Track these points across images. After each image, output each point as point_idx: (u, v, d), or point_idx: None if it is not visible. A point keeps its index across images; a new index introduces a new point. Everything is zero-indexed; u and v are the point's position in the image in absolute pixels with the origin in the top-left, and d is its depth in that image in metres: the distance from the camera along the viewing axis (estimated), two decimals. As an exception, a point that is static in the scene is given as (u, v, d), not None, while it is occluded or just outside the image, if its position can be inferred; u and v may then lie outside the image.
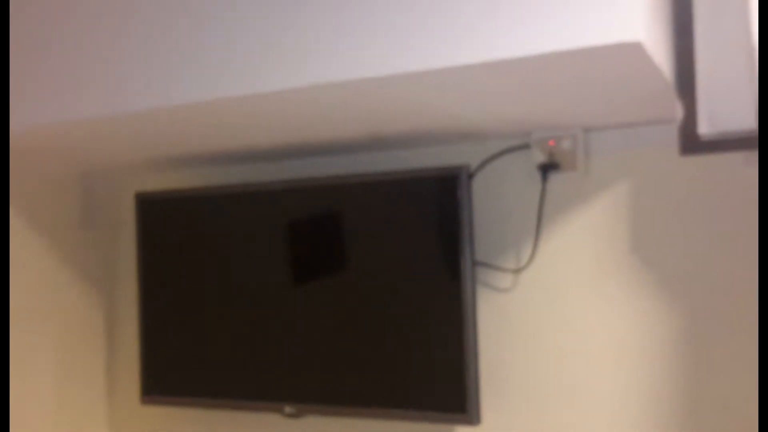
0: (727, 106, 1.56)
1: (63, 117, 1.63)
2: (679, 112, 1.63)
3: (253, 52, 1.44)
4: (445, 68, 1.30)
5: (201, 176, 2.23)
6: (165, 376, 2.13)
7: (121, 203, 2.37)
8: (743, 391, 1.64)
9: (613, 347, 1.76)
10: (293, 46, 1.40)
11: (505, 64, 1.27)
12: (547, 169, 1.80)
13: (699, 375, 1.68)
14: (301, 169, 2.09)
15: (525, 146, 1.83)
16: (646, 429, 1.73)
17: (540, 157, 1.80)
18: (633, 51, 1.21)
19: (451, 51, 1.28)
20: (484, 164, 1.88)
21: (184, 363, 2.10)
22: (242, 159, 2.10)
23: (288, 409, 1.95)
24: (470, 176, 1.80)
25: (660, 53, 1.35)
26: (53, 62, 1.63)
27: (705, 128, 1.59)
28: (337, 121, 1.68)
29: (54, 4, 1.64)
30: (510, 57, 1.24)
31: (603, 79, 1.38)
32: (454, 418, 1.77)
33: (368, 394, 1.87)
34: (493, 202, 1.88)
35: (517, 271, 1.85)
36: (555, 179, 1.81)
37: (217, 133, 1.79)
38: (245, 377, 2.01)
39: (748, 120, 1.55)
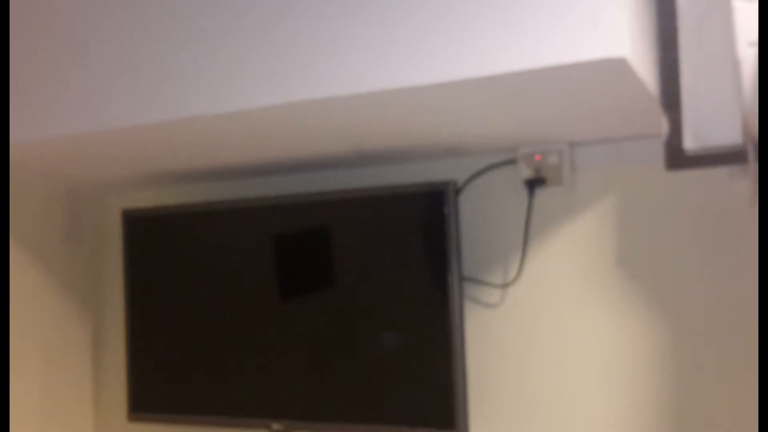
0: (712, 121, 1.56)
1: (49, 133, 1.63)
2: (664, 126, 1.63)
3: (236, 69, 1.44)
4: (430, 84, 1.30)
5: (187, 192, 2.22)
6: (152, 393, 2.12)
7: (107, 219, 2.36)
8: (729, 402, 1.64)
9: (600, 361, 1.76)
10: (276, 62, 1.40)
11: (491, 80, 1.28)
12: (534, 184, 1.80)
13: (687, 389, 1.68)
14: (287, 184, 2.09)
15: (511, 161, 1.83)
16: (634, 443, 1.73)
17: (526, 172, 1.81)
18: (618, 66, 1.22)
19: (436, 67, 1.28)
20: (470, 179, 1.88)
21: (172, 380, 2.09)
22: (229, 175, 2.10)
23: (275, 425, 1.94)
24: (457, 191, 1.80)
25: (645, 68, 1.36)
26: (38, 79, 1.63)
27: (690, 143, 1.59)
28: (322, 137, 1.68)
29: (35, 22, 1.64)
30: (495, 73, 1.25)
31: (588, 95, 1.39)
32: (442, 433, 1.77)
33: (356, 410, 1.86)
34: (480, 218, 1.88)
35: (505, 286, 1.85)
36: (541, 194, 1.82)
37: (203, 150, 1.79)
38: (233, 394, 2.00)
39: (733, 134, 1.56)
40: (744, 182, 1.62)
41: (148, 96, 1.52)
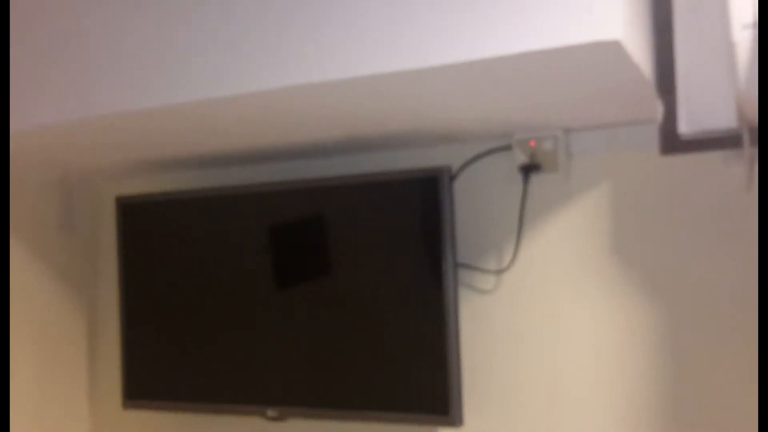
0: (707, 105, 1.56)
1: (42, 120, 1.62)
2: (659, 111, 1.63)
3: (229, 55, 1.43)
4: (423, 68, 1.29)
5: (182, 180, 2.22)
6: (147, 381, 2.11)
7: (101, 207, 2.36)
8: (724, 390, 1.64)
9: (595, 348, 1.76)
10: (269, 48, 1.40)
11: (484, 64, 1.27)
12: (529, 170, 1.79)
13: (682, 376, 1.68)
14: (282, 171, 2.08)
15: (506, 147, 1.83)
16: (629, 430, 1.72)
17: (521, 159, 1.80)
18: (612, 49, 1.21)
19: (429, 51, 1.28)
20: (465, 166, 1.87)
21: (167, 367, 2.09)
22: (223, 162, 2.09)
23: (271, 412, 1.94)
24: (452, 178, 1.80)
25: (639, 52, 1.35)
26: (30, 66, 1.62)
27: (685, 127, 1.59)
28: (316, 122, 1.67)
29: (28, 8, 1.63)
30: (489, 56, 1.24)
31: (583, 79, 1.38)
32: (436, 419, 1.77)
33: (351, 397, 1.86)
34: (475, 204, 1.88)
35: (499, 272, 1.85)
36: (536, 180, 1.81)
37: (198, 136, 1.78)
38: (228, 380, 2.00)
39: (727, 119, 1.55)
40: (739, 167, 1.62)
41: (142, 82, 1.52)
